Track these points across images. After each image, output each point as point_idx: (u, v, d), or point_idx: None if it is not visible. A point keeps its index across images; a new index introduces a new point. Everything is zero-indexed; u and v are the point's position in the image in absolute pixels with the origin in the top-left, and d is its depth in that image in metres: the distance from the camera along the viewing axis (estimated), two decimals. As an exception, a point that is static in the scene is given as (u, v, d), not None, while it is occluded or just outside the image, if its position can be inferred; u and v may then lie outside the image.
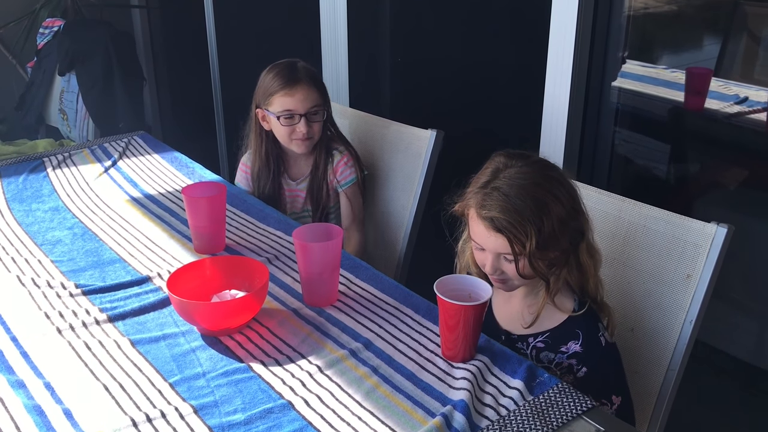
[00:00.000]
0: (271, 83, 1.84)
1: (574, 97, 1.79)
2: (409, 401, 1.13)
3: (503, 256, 1.27)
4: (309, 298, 1.40)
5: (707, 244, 1.33)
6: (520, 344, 1.35)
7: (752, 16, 1.79)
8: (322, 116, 1.87)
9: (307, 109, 1.83)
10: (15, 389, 1.15)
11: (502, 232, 1.23)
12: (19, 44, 3.45)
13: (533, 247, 1.22)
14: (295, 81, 1.82)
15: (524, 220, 1.22)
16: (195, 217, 1.58)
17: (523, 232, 1.22)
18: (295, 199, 1.97)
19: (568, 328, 1.30)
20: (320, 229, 1.42)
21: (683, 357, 1.35)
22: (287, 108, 1.82)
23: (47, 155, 2.18)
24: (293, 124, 1.83)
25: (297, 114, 1.83)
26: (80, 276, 1.51)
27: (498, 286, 1.33)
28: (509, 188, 1.24)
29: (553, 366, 1.31)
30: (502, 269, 1.28)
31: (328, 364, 1.22)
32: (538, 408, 1.11)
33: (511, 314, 1.38)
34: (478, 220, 1.26)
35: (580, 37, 1.74)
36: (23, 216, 1.80)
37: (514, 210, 1.22)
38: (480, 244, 1.29)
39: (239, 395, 1.15)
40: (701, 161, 2.00)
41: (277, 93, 1.82)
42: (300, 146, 1.87)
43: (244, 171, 1.99)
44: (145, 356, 1.25)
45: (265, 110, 1.86)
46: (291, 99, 1.82)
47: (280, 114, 1.83)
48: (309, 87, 1.83)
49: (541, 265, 1.26)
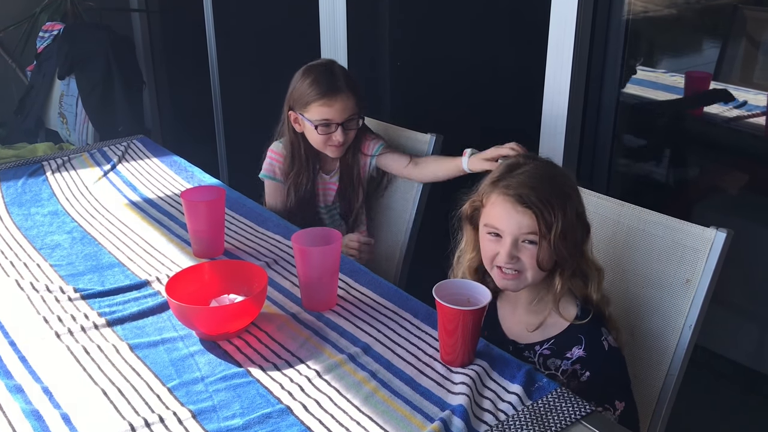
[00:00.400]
0: (309, 90, 1.80)
1: (573, 101, 1.79)
2: (407, 406, 1.13)
3: (524, 238, 1.25)
4: (308, 303, 1.40)
5: (707, 249, 1.33)
6: (527, 353, 1.34)
7: (751, 20, 1.79)
8: (357, 123, 1.86)
9: (344, 119, 1.81)
10: (13, 394, 1.15)
11: (531, 207, 1.23)
12: (19, 48, 3.45)
13: (558, 230, 1.22)
14: (335, 91, 1.79)
15: (552, 199, 1.23)
16: (194, 221, 1.58)
17: (550, 211, 1.22)
18: (327, 192, 1.96)
19: (571, 334, 1.30)
20: (319, 233, 1.42)
21: (683, 362, 1.35)
22: (325, 118, 1.80)
23: (46, 159, 2.18)
24: (330, 132, 1.81)
25: (334, 123, 1.80)
26: (79, 280, 1.51)
27: (506, 282, 1.29)
28: (533, 174, 1.26)
29: (560, 373, 1.31)
30: (519, 256, 1.26)
31: (326, 368, 1.22)
32: (537, 413, 1.11)
33: (518, 324, 1.37)
34: (503, 199, 1.25)
35: (579, 40, 1.74)
36: (22, 220, 1.80)
37: (541, 188, 1.24)
38: (500, 227, 1.26)
39: (238, 400, 1.14)
40: (700, 165, 2.00)
41: (315, 102, 1.79)
42: (334, 152, 1.86)
43: (276, 159, 1.94)
44: (144, 361, 1.24)
45: (300, 115, 1.84)
46: (329, 109, 1.79)
47: (318, 123, 1.80)
48: (348, 96, 1.81)
49: (562, 251, 1.24)
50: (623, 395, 1.29)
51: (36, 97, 3.35)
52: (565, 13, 1.74)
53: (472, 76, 2.22)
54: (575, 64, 1.76)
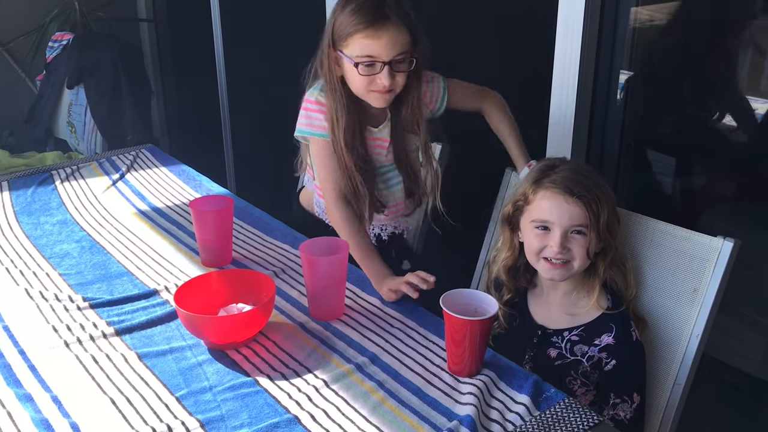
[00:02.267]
0: (350, 19, 1.48)
1: (579, 110, 1.80)
2: (415, 416, 1.13)
3: (573, 229, 1.32)
4: (315, 312, 1.41)
5: (714, 258, 1.33)
6: (555, 338, 1.39)
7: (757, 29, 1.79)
8: (409, 65, 1.52)
9: (392, 57, 1.48)
10: (23, 403, 1.16)
11: (581, 198, 1.30)
12: (29, 58, 3.48)
13: (605, 220, 1.30)
14: (383, 20, 1.47)
15: (598, 191, 1.32)
16: (202, 231, 1.58)
17: (598, 201, 1.30)
18: (379, 150, 1.67)
19: (602, 322, 1.36)
20: (327, 242, 1.42)
21: (690, 371, 1.35)
22: (368, 54, 1.48)
23: (56, 168, 2.20)
24: (374, 73, 1.50)
25: (380, 62, 1.49)
26: (88, 289, 1.52)
27: (553, 273, 1.35)
28: (574, 170, 1.35)
29: (585, 359, 1.35)
30: (569, 247, 1.32)
31: (334, 378, 1.22)
32: (545, 423, 1.11)
33: (549, 313, 1.43)
34: (551, 193, 1.33)
35: (585, 48, 1.75)
36: (31, 229, 1.81)
37: (585, 181, 1.32)
38: (550, 219, 1.33)
39: (246, 409, 1.15)
40: (708, 174, 1.99)
41: (357, 33, 1.48)
42: (378, 100, 1.55)
43: (318, 110, 1.60)
44: (152, 370, 1.25)
45: (340, 52, 1.53)
46: (375, 42, 1.47)
47: (360, 60, 1.49)
48: (398, 28, 1.48)
49: (608, 239, 1.33)
50: (641, 389, 1.34)
51: (45, 107, 3.37)
52: (571, 20, 1.74)
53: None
54: (581, 71, 1.76)
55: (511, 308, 1.46)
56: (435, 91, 1.68)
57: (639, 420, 1.34)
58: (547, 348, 1.39)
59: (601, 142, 1.87)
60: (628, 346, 1.34)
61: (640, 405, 1.34)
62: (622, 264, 1.39)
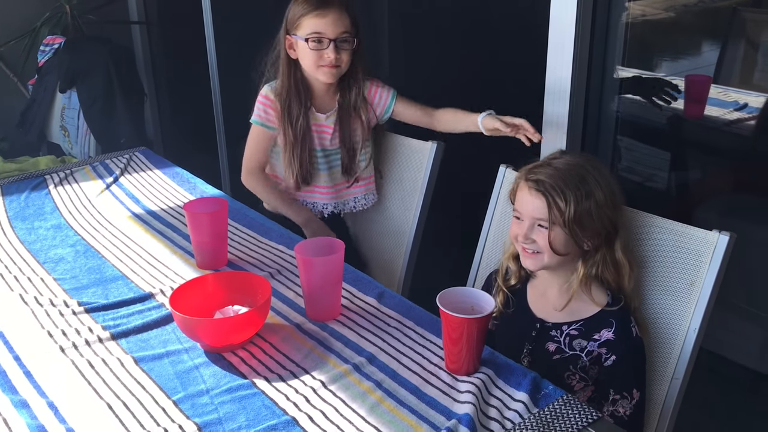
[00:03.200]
0: (301, 6, 1.80)
1: (573, 107, 1.79)
2: (413, 415, 1.13)
3: (538, 223, 1.35)
4: (312, 313, 1.40)
5: (710, 252, 1.33)
6: (554, 332, 1.40)
7: (750, 22, 1.79)
8: (351, 44, 1.82)
9: (337, 35, 1.79)
10: (18, 409, 1.15)
11: (544, 194, 1.33)
12: (20, 62, 3.46)
13: (570, 217, 1.31)
14: (328, 3, 1.79)
15: (566, 187, 1.32)
16: (197, 233, 1.58)
17: (563, 198, 1.32)
18: (323, 135, 1.92)
19: (602, 317, 1.37)
20: (322, 243, 1.42)
21: (688, 365, 1.35)
22: (316, 30, 1.78)
23: (49, 173, 2.19)
24: (321, 48, 1.79)
25: (326, 38, 1.78)
26: (83, 294, 1.51)
27: (526, 261, 1.39)
28: (559, 164, 1.37)
29: (584, 354, 1.36)
30: (534, 238, 1.35)
31: (331, 378, 1.22)
32: (543, 420, 1.11)
33: (546, 306, 1.43)
34: (524, 185, 1.38)
35: (578, 45, 1.74)
36: (25, 234, 1.80)
37: (558, 177, 1.33)
38: (520, 211, 1.38)
39: (243, 412, 1.14)
40: (702, 168, 2.00)
41: (307, 15, 1.79)
42: (326, 74, 1.83)
43: (267, 104, 1.90)
44: (149, 374, 1.25)
45: (294, 35, 1.82)
46: (321, 21, 1.78)
47: (309, 36, 1.79)
48: (341, 11, 1.79)
49: (573, 241, 1.34)
50: (641, 386, 1.35)
51: (38, 111, 3.36)
52: (564, 17, 1.74)
53: (472, 82, 2.22)
54: (575, 68, 1.76)
55: (513, 294, 1.48)
56: (384, 98, 1.93)
57: (638, 416, 1.34)
58: (545, 342, 1.39)
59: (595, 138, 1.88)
60: (627, 342, 1.35)
61: (639, 401, 1.34)
62: (617, 264, 1.38)
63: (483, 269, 1.72)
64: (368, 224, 2.08)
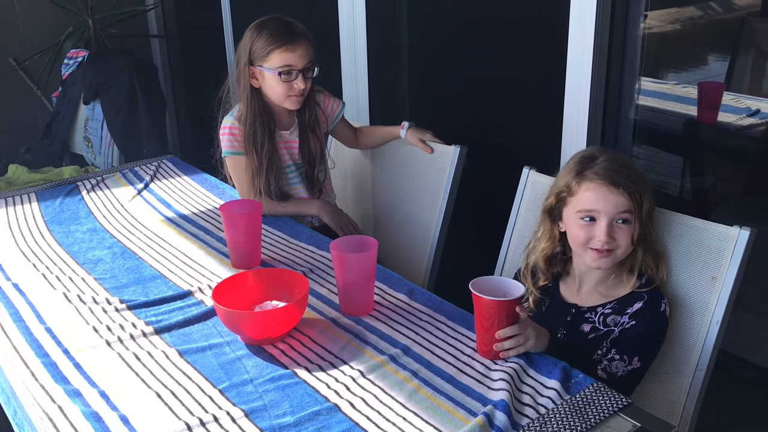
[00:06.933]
0: (269, 39, 1.85)
1: (593, 112, 1.84)
2: (450, 402, 1.18)
3: (619, 218, 1.36)
4: (346, 308, 1.45)
5: (731, 247, 1.37)
6: (588, 314, 1.43)
7: (759, 31, 1.84)
8: (314, 72, 1.91)
9: (304, 65, 1.87)
10: (72, 398, 1.20)
11: (625, 188, 1.35)
12: (44, 75, 3.54)
13: (648, 208, 1.36)
14: (296, 37, 1.86)
15: (641, 180, 1.37)
16: (233, 233, 1.63)
17: (640, 190, 1.36)
18: (291, 150, 2.00)
19: (635, 294, 1.41)
20: (356, 240, 1.47)
21: (711, 357, 1.39)
22: (287, 63, 1.84)
23: (80, 179, 2.25)
24: (291, 80, 1.86)
25: (295, 70, 1.86)
26: (123, 292, 1.57)
27: (600, 262, 1.38)
28: (614, 160, 1.39)
29: (618, 329, 1.39)
30: (614, 236, 1.36)
31: (369, 368, 1.27)
32: (576, 406, 1.15)
33: (580, 296, 1.47)
34: (596, 184, 1.37)
35: (597, 53, 1.80)
36: (63, 237, 1.86)
37: (629, 171, 1.37)
38: (596, 209, 1.36)
39: (287, 399, 1.19)
40: (716, 173, 2.04)
41: (277, 49, 1.84)
42: (294, 103, 1.91)
43: (233, 133, 1.95)
44: (194, 365, 1.30)
45: (260, 67, 1.87)
46: (292, 55, 1.84)
47: (280, 69, 1.84)
48: (306, 42, 1.88)
49: (650, 227, 1.38)
50: (645, 360, 1.38)
51: (61, 123, 3.43)
52: (583, 26, 1.79)
53: (491, 91, 2.27)
54: (594, 75, 1.81)
55: (543, 294, 1.51)
56: (334, 109, 2.08)
57: (629, 383, 1.37)
58: (580, 324, 1.43)
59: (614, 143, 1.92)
60: (654, 311, 1.38)
61: (637, 371, 1.36)
62: (656, 249, 1.43)
63: (506, 272, 1.77)
64: (393, 227, 2.13)
